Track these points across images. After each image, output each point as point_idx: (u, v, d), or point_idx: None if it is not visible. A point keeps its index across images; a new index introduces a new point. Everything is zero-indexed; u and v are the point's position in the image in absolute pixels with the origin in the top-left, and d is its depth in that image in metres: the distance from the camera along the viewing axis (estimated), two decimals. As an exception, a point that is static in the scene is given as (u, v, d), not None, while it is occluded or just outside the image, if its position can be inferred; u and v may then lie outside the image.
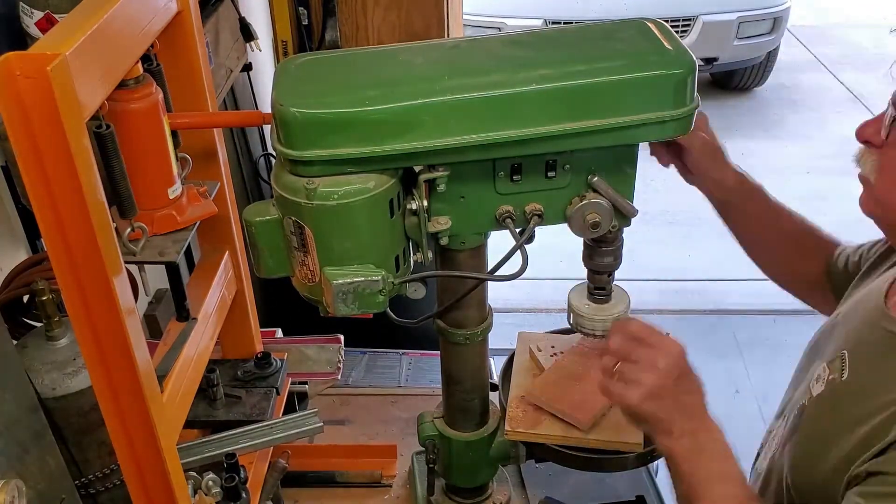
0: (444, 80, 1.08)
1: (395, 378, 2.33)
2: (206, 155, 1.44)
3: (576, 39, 1.23)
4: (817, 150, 5.74)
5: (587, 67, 1.09)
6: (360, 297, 1.13)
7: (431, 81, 1.09)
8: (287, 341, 2.18)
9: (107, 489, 1.20)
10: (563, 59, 1.13)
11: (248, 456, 1.51)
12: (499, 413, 1.53)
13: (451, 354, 1.44)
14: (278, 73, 1.15)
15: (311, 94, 1.10)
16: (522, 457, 1.50)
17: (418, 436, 1.55)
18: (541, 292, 4.14)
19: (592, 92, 1.08)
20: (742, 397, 3.56)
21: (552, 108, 1.07)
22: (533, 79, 1.07)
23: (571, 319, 1.36)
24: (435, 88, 1.07)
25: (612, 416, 1.42)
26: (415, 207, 1.14)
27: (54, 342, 1.14)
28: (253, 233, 1.17)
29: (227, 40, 2.16)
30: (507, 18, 5.82)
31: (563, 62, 1.11)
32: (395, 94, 1.07)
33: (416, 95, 1.06)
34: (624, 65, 1.09)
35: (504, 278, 1.20)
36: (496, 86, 1.07)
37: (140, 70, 1.18)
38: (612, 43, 1.16)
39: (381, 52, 1.23)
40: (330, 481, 1.82)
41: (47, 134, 0.86)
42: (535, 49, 1.19)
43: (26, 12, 1.20)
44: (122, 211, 1.16)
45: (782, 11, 6.27)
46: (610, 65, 1.09)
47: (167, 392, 1.18)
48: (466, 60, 1.17)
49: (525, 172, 1.15)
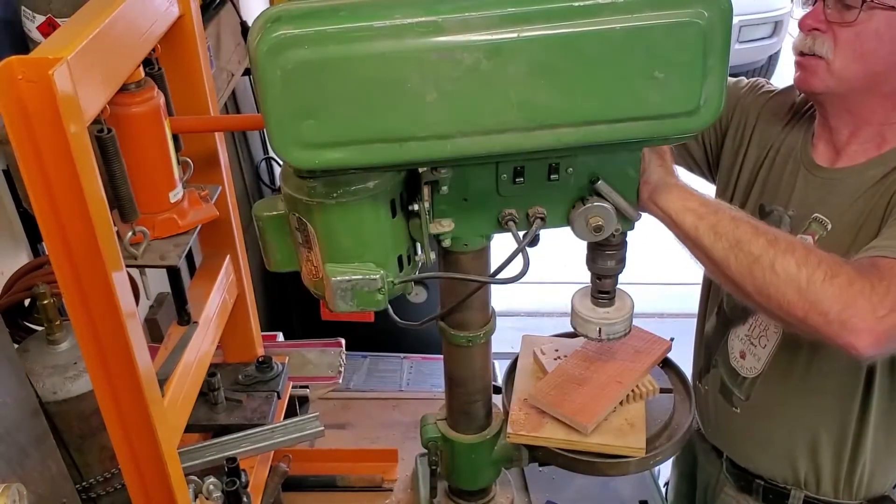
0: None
1: (396, 382, 2.33)
2: (207, 159, 1.44)
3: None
4: (818, 152, 5.74)
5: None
6: (359, 295, 1.13)
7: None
8: (288, 345, 2.18)
9: (108, 493, 1.20)
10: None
11: (249, 460, 1.51)
12: (502, 416, 1.53)
13: (454, 357, 1.43)
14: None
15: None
16: (525, 460, 1.50)
17: (421, 438, 1.54)
18: (544, 296, 4.13)
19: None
20: (743, 400, 3.55)
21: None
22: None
23: (574, 323, 1.36)
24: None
25: (615, 420, 1.42)
26: (417, 209, 1.14)
27: (55, 346, 1.13)
28: (261, 227, 1.17)
29: (228, 44, 2.16)
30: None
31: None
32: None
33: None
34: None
35: (505, 281, 1.20)
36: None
37: (141, 74, 1.18)
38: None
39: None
40: (331, 485, 1.81)
41: (49, 137, 0.86)
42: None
43: (28, 16, 1.20)
44: (124, 215, 1.16)
45: (783, 15, 6.28)
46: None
47: (168, 396, 1.18)
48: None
49: (528, 175, 1.15)
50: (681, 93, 0.97)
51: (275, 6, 0.91)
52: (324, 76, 0.91)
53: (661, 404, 1.47)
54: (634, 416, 1.42)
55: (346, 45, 0.90)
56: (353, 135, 0.95)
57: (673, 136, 1.04)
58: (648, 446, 1.39)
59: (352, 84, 0.91)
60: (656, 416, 1.44)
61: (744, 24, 6.10)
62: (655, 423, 1.43)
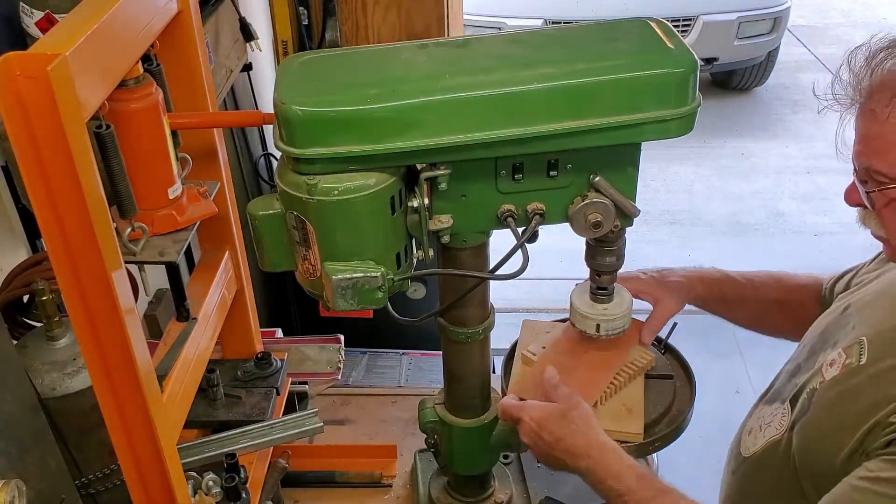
0: (446, 79, 1.08)
1: (395, 378, 2.33)
2: (206, 155, 1.44)
3: (578, 38, 1.23)
4: (817, 150, 5.74)
5: (589, 66, 1.09)
6: (360, 293, 1.13)
7: (433, 80, 1.09)
8: (287, 341, 2.18)
9: (107, 489, 1.20)
10: (565, 57, 1.13)
11: (248, 456, 1.51)
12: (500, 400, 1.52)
13: (453, 353, 1.44)
14: (280, 72, 1.15)
15: (313, 92, 1.09)
16: (522, 444, 1.49)
17: (419, 422, 1.55)
18: (542, 291, 4.13)
19: (594, 90, 1.08)
20: (742, 397, 3.55)
21: (554, 106, 1.07)
22: (535, 77, 1.07)
23: (573, 319, 1.35)
24: (437, 87, 1.07)
25: (612, 404, 1.40)
26: (416, 205, 1.14)
27: (54, 342, 1.14)
28: (257, 226, 1.17)
29: (227, 40, 2.16)
30: (507, 18, 5.81)
31: (566, 61, 1.11)
32: (397, 92, 1.07)
33: (418, 94, 1.06)
34: (626, 64, 1.09)
35: (504, 277, 1.20)
36: (498, 84, 1.07)
37: (140, 70, 1.17)
38: (614, 42, 1.16)
39: (384, 50, 1.23)
40: (330, 481, 1.81)
41: (47, 134, 0.86)
42: (537, 48, 1.19)
43: (26, 12, 1.20)
44: (122, 211, 1.15)
45: (782, 11, 6.26)
46: (612, 63, 1.09)
47: (167, 392, 1.18)
48: (468, 59, 1.17)
49: (527, 171, 1.15)
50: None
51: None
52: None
53: (662, 390, 1.45)
54: (633, 400, 1.40)
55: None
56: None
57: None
58: (648, 432, 1.37)
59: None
60: (656, 401, 1.42)
61: (743, 20, 6.09)
62: (655, 409, 1.40)
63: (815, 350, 1.33)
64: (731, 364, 3.76)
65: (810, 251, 4.61)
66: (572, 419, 1.27)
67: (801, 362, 1.36)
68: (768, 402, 1.40)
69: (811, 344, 1.36)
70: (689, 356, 1.54)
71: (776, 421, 1.32)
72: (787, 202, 5.16)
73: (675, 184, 5.37)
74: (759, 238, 4.78)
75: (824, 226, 4.89)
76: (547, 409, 1.30)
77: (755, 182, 5.41)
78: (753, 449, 1.36)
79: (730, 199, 5.18)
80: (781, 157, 5.72)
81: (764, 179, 5.45)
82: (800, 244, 4.71)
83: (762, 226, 4.91)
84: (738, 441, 1.44)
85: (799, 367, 1.36)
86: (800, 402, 1.27)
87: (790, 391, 1.33)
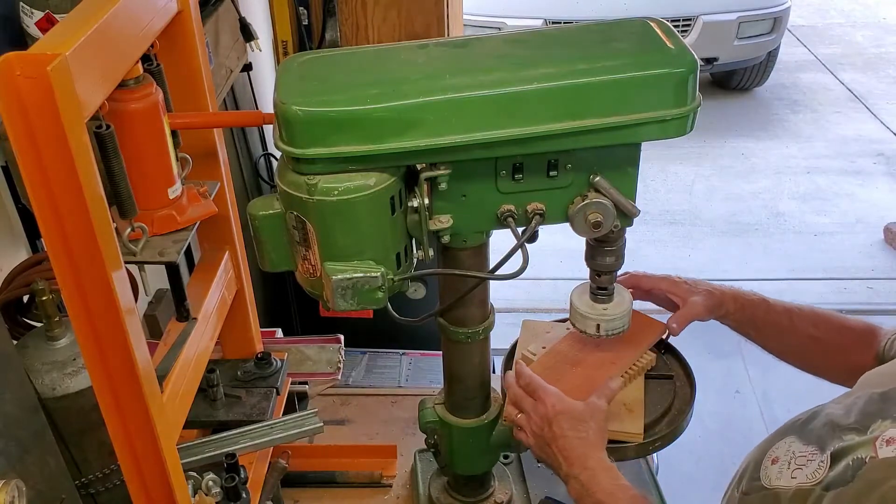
0: (446, 79, 1.08)
1: (395, 378, 2.33)
2: (206, 155, 1.44)
3: (577, 38, 1.23)
4: (817, 150, 5.74)
5: (589, 66, 1.09)
6: (360, 293, 1.13)
7: (433, 80, 1.09)
8: (287, 341, 2.18)
9: (107, 489, 1.20)
10: (564, 57, 1.13)
11: (248, 456, 1.51)
12: (500, 400, 1.53)
13: (453, 353, 1.44)
14: (281, 72, 1.15)
15: (313, 92, 1.09)
16: (522, 445, 1.49)
17: (419, 422, 1.55)
18: (542, 292, 4.13)
19: (594, 90, 1.08)
20: (742, 397, 3.56)
21: (554, 106, 1.07)
22: (535, 77, 1.07)
23: (573, 319, 1.35)
24: (437, 87, 1.07)
25: (612, 403, 1.38)
26: (416, 205, 1.14)
27: (54, 342, 1.14)
28: (257, 226, 1.17)
29: (227, 40, 2.16)
30: (507, 18, 5.81)
31: (565, 61, 1.11)
32: (397, 92, 1.07)
33: (418, 94, 1.06)
34: (625, 63, 1.09)
35: (504, 277, 1.20)
36: (498, 84, 1.07)
37: (140, 70, 1.17)
38: (614, 42, 1.16)
39: (384, 50, 1.23)
40: (330, 481, 1.81)
41: (47, 134, 0.86)
42: (537, 48, 1.19)
43: (26, 12, 1.20)
44: (122, 211, 1.15)
45: (782, 11, 6.27)
46: (611, 63, 1.09)
47: (167, 392, 1.18)
48: (468, 59, 1.17)
49: (527, 171, 1.15)
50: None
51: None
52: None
53: (662, 390, 1.44)
54: (633, 400, 1.40)
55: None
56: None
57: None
58: (648, 432, 1.37)
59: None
60: (656, 401, 1.42)
61: (743, 20, 6.09)
62: (655, 409, 1.40)
63: (871, 413, 1.18)
64: (731, 364, 3.75)
65: (810, 251, 4.62)
66: (588, 427, 1.26)
67: (853, 420, 1.20)
68: (803, 438, 1.25)
69: (867, 401, 1.22)
70: (689, 356, 1.54)
71: (810, 468, 1.21)
72: (786, 202, 5.16)
73: (675, 184, 5.37)
74: (758, 238, 4.78)
75: (824, 226, 4.89)
76: (571, 404, 1.28)
77: (755, 182, 5.41)
78: (776, 483, 1.27)
79: (730, 199, 5.18)
80: (781, 157, 5.72)
81: (764, 179, 5.45)
82: (800, 244, 4.71)
83: (762, 226, 4.91)
84: (758, 463, 1.30)
85: (849, 423, 1.20)
86: (842, 465, 1.14)
87: (833, 444, 1.19)
